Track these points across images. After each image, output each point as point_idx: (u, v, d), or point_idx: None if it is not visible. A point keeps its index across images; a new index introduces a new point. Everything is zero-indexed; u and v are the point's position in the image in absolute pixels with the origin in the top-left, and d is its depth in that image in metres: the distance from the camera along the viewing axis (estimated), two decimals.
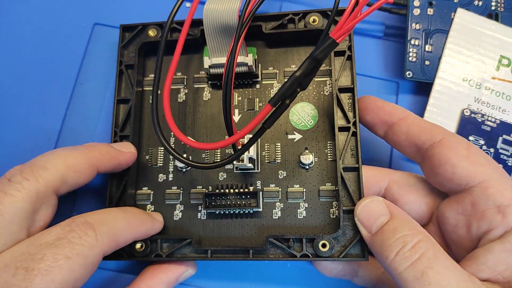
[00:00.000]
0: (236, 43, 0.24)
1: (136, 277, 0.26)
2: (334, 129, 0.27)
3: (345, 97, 0.27)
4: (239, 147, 0.25)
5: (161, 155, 0.29)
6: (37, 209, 0.22)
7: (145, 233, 0.26)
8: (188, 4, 0.34)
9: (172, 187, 0.29)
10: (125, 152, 0.27)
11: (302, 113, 0.29)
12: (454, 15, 0.30)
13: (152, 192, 0.29)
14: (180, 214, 0.28)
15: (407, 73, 0.30)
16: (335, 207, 0.27)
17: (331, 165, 0.28)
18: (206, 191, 0.28)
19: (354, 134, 0.27)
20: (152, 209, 0.29)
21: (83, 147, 0.25)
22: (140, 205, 0.29)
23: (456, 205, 0.23)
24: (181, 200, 0.29)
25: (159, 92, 0.30)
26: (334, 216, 0.27)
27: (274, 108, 0.23)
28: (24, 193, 0.21)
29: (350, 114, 0.27)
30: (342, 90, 0.27)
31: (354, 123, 0.27)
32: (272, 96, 0.26)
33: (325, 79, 0.29)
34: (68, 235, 0.21)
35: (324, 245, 0.25)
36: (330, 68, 0.29)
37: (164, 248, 0.27)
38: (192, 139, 0.26)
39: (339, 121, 0.27)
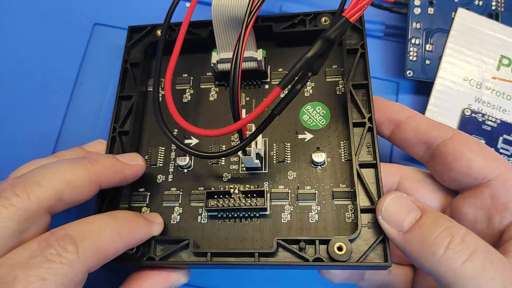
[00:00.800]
0: (248, 18, 0.23)
1: (120, 286, 0.23)
2: (348, 129, 0.25)
3: (358, 94, 0.26)
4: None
5: (162, 154, 0.27)
6: (26, 229, 0.19)
7: (140, 239, 0.23)
8: (187, 4, 0.34)
9: (171, 188, 0.26)
10: (132, 165, 0.24)
11: (313, 112, 0.27)
12: (454, 15, 0.30)
13: (149, 193, 0.26)
14: (178, 217, 0.26)
15: (408, 72, 0.30)
16: (351, 210, 0.24)
17: (345, 165, 0.25)
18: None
19: (370, 129, 0.25)
20: (148, 212, 0.26)
21: (86, 160, 0.22)
22: (135, 207, 0.26)
23: (474, 200, 0.22)
24: (180, 202, 0.26)
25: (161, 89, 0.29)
26: (350, 221, 0.24)
27: (284, 93, 0.22)
28: (12, 211, 0.19)
29: (364, 110, 0.25)
30: (356, 86, 0.26)
31: (370, 118, 0.25)
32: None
33: (337, 79, 0.28)
34: (44, 252, 0.18)
35: (340, 248, 0.22)
36: (342, 69, 0.28)
37: (157, 251, 0.24)
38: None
39: (354, 117, 0.25)
